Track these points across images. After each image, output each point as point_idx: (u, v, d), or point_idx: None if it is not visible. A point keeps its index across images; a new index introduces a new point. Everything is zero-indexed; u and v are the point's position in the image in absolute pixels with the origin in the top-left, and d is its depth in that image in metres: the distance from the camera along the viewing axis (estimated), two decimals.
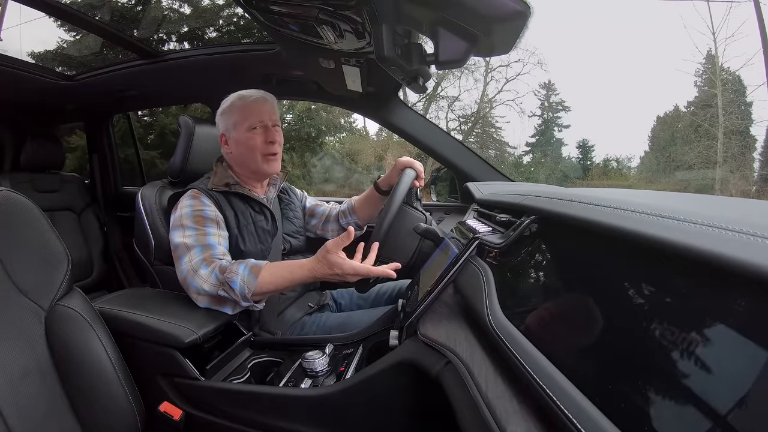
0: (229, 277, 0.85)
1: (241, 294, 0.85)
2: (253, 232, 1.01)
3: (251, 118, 0.99)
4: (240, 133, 1.00)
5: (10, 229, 0.64)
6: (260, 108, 1.00)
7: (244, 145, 1.00)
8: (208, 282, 0.86)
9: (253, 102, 1.00)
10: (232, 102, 1.02)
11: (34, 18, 5.55)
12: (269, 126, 1.01)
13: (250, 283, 0.85)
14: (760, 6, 7.06)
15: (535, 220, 0.49)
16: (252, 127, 0.99)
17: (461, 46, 0.56)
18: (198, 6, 7.52)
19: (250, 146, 0.99)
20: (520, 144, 10.71)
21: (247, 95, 1.02)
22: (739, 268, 0.20)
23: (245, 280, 0.85)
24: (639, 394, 0.23)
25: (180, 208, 0.95)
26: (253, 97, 1.01)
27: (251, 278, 0.85)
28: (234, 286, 0.84)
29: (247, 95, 1.02)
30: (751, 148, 8.17)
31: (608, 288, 0.32)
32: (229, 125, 1.01)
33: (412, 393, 0.62)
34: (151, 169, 6.95)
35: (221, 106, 1.04)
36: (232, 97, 1.03)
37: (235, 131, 1.01)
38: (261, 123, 1.00)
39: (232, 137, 1.01)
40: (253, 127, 0.99)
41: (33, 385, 0.60)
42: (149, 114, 8.11)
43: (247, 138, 0.99)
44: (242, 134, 0.99)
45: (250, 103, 1.00)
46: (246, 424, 0.76)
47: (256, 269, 0.86)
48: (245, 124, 0.99)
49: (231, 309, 0.89)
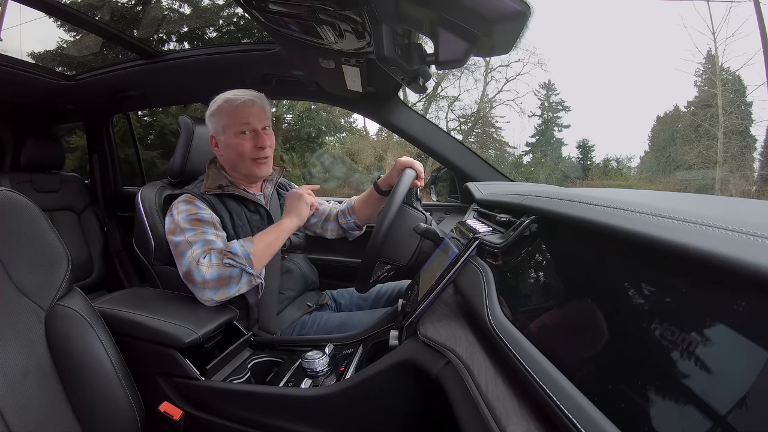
0: (228, 246, 0.90)
1: (244, 256, 0.89)
2: (249, 232, 1.01)
3: (239, 122, 0.97)
4: (229, 137, 0.98)
5: (10, 229, 0.64)
6: (248, 111, 0.98)
7: (233, 150, 0.99)
8: (211, 265, 0.87)
9: (241, 105, 0.97)
10: (220, 105, 0.99)
11: (34, 18, 5.56)
12: (258, 130, 0.99)
13: (248, 246, 0.91)
14: (760, 6, 7.06)
15: (535, 220, 0.49)
16: (241, 132, 0.98)
17: (461, 46, 0.56)
18: (198, 6, 7.53)
19: (239, 152, 0.99)
20: (520, 144, 10.73)
21: (234, 98, 0.98)
22: (739, 268, 0.20)
23: (243, 245, 0.91)
24: (639, 394, 0.23)
25: (175, 214, 0.95)
26: (240, 99, 0.98)
27: (248, 242, 0.92)
28: (235, 250, 0.89)
29: (234, 98, 0.98)
30: (751, 148, 8.17)
31: (608, 288, 0.32)
32: (218, 128, 1.00)
33: (412, 393, 0.62)
34: (151, 169, 6.96)
35: (210, 107, 1.02)
36: (220, 100, 1.00)
37: (224, 135, 0.99)
38: (249, 127, 0.98)
39: (222, 141, 1.00)
40: (242, 132, 0.98)
41: (33, 385, 0.60)
42: (149, 114, 8.11)
43: (236, 143, 0.98)
44: (231, 139, 0.98)
45: (237, 107, 0.97)
46: (246, 424, 0.76)
47: (248, 238, 0.94)
48: (233, 129, 0.98)
49: (236, 285, 0.89)
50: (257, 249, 0.91)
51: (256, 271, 0.91)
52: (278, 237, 0.96)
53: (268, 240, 0.94)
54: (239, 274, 0.89)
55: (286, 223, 0.98)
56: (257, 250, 0.91)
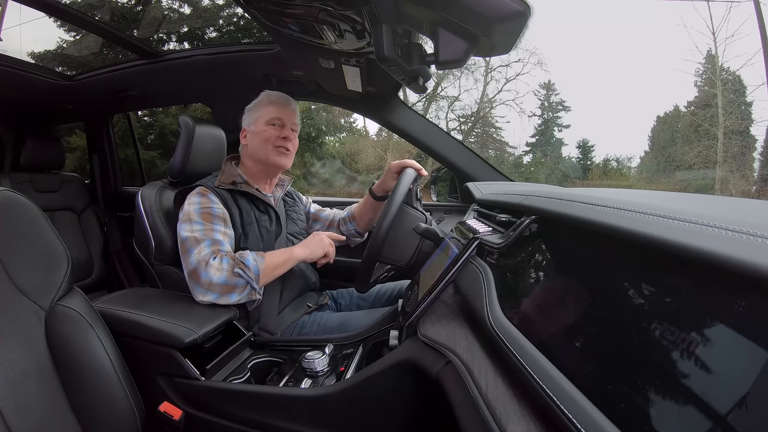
0: (242, 257, 0.93)
1: (254, 271, 0.91)
2: (256, 231, 1.03)
3: (272, 115, 1.05)
4: (259, 125, 1.06)
5: (10, 229, 0.64)
6: (282, 107, 1.07)
7: (258, 137, 1.05)
8: (221, 269, 0.89)
9: (277, 101, 1.07)
10: (260, 99, 1.09)
11: (34, 18, 5.56)
12: (287, 125, 1.06)
13: (260, 262, 0.94)
14: (760, 6, 7.06)
15: (535, 220, 0.49)
16: (271, 123, 1.05)
17: (461, 46, 0.56)
18: (198, 6, 7.53)
19: (264, 137, 1.05)
20: (520, 144, 10.74)
21: (274, 94, 1.09)
22: (739, 268, 0.20)
23: (256, 259, 0.94)
24: (639, 394, 0.23)
25: (188, 205, 0.98)
26: (277, 95, 1.08)
27: (260, 258, 0.95)
28: (248, 263, 0.92)
29: (274, 94, 1.09)
30: (751, 148, 8.18)
31: (608, 288, 0.32)
32: (252, 119, 1.07)
33: (412, 393, 0.62)
34: (151, 169, 6.96)
35: (250, 103, 1.10)
36: (261, 95, 1.10)
37: (255, 125, 1.06)
38: (280, 121, 1.06)
39: (252, 130, 1.07)
40: (272, 123, 1.05)
41: (33, 385, 0.60)
42: (149, 114, 8.11)
43: (263, 130, 1.05)
44: (260, 126, 1.05)
45: (274, 101, 1.07)
46: (246, 424, 0.76)
47: (260, 253, 0.97)
48: (265, 119, 1.06)
49: (238, 295, 0.91)
50: (266, 267, 0.95)
51: (259, 287, 0.94)
52: (287, 261, 1.00)
53: (277, 261, 0.98)
54: (244, 285, 0.91)
55: (297, 252, 1.02)
56: (266, 268, 0.95)
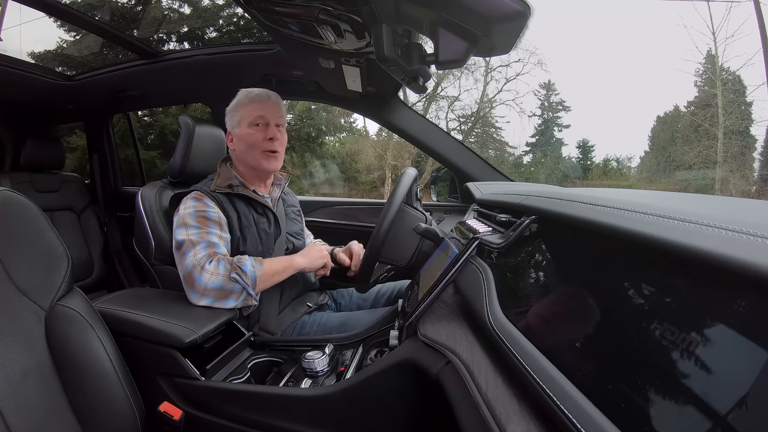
0: (239, 261, 0.91)
1: (251, 277, 0.90)
2: (255, 234, 1.01)
3: (254, 114, 1.01)
4: (243, 129, 1.02)
5: (10, 229, 0.64)
6: (263, 104, 1.02)
7: (244, 141, 1.01)
8: (216, 274, 0.88)
9: (256, 98, 1.02)
10: (239, 99, 1.04)
11: (34, 18, 5.55)
12: (271, 123, 1.02)
13: (257, 268, 0.92)
14: (760, 6, 7.06)
15: (535, 220, 0.49)
16: (254, 124, 1.01)
17: (461, 46, 0.56)
18: (198, 6, 7.53)
19: (250, 142, 1.01)
20: (520, 144, 10.74)
21: (252, 92, 1.04)
22: (739, 268, 0.20)
23: (254, 265, 0.92)
24: (639, 394, 0.23)
25: (183, 209, 0.96)
26: (256, 93, 1.03)
27: (257, 264, 0.93)
28: (245, 269, 0.90)
29: (252, 92, 1.04)
30: (751, 148, 8.18)
31: (608, 288, 0.32)
32: (234, 122, 1.03)
33: (412, 393, 0.62)
34: (151, 169, 6.96)
35: (230, 104, 1.05)
36: (239, 95, 1.05)
37: (239, 128, 1.02)
38: (263, 120, 1.01)
39: (236, 133, 1.03)
40: (255, 123, 1.01)
41: (33, 385, 0.60)
42: (149, 114, 8.11)
43: (248, 134, 1.01)
44: (244, 130, 1.01)
45: (253, 99, 1.02)
46: (246, 424, 0.76)
47: (259, 259, 0.95)
48: (248, 120, 1.01)
49: (234, 301, 0.90)
50: (264, 274, 0.93)
51: (256, 293, 0.92)
52: (286, 269, 0.99)
53: (276, 268, 0.96)
54: (240, 291, 0.90)
55: (297, 261, 1.01)
56: (264, 274, 0.93)
